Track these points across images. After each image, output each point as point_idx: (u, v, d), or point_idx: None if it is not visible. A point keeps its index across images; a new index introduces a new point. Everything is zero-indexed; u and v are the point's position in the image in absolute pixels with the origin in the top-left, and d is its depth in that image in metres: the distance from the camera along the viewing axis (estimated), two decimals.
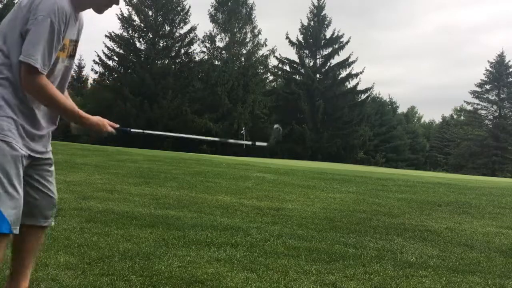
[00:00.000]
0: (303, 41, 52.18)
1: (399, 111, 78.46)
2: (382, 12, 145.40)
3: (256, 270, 3.77)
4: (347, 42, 51.52)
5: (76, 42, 2.68)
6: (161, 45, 46.78)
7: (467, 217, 7.23)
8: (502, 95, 60.92)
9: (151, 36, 46.32)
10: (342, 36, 51.68)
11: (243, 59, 48.04)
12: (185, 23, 46.86)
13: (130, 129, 2.91)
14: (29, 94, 2.44)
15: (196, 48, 56.31)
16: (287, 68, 53.89)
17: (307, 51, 52.46)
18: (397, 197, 9.04)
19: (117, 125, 2.80)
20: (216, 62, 47.74)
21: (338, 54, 51.58)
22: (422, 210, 7.67)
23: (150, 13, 46.23)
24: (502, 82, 60.23)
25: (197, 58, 48.00)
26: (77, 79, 55.78)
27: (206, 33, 48.04)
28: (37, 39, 2.35)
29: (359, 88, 52.24)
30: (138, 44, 46.76)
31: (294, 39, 51.87)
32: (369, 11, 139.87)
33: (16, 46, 2.41)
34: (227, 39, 47.81)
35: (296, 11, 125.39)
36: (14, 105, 2.42)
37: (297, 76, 53.15)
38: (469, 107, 64.27)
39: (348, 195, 9.02)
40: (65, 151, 13.41)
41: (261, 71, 50.09)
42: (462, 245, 5.26)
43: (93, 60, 45.45)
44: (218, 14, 48.13)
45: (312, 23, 52.34)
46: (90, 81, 54.38)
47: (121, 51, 46.34)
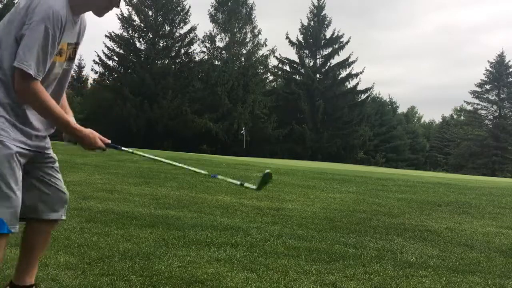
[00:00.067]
0: (303, 41, 52.24)
1: (399, 111, 78.60)
2: (382, 12, 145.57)
3: (256, 270, 3.77)
4: (347, 42, 51.68)
5: (76, 44, 2.66)
6: (161, 45, 46.81)
7: (467, 217, 7.23)
8: (502, 95, 60.96)
9: (151, 36, 46.34)
10: (342, 36, 51.84)
11: (243, 59, 48.07)
12: (185, 23, 46.94)
13: (121, 147, 2.88)
14: (22, 99, 2.44)
15: (196, 48, 56.34)
16: (287, 68, 53.99)
17: (307, 51, 52.53)
18: (397, 197, 9.04)
19: (109, 141, 2.77)
20: (216, 62, 47.78)
21: (338, 54, 51.72)
22: (422, 210, 7.67)
23: (150, 13, 46.25)
24: (502, 82, 60.26)
25: (197, 58, 48.14)
26: (77, 79, 55.83)
27: (206, 33, 48.21)
28: (31, 45, 2.34)
29: (359, 88, 52.45)
30: (138, 44, 46.84)
31: (294, 39, 52.02)
32: (369, 11, 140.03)
33: (10, 49, 2.40)
34: (227, 39, 47.85)
35: (296, 11, 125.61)
36: (7, 104, 2.42)
37: (297, 76, 53.22)
38: (469, 107, 64.41)
39: (348, 195, 9.02)
40: (65, 151, 13.39)
41: (261, 71, 50.15)
42: (462, 245, 5.26)
43: (93, 60, 45.60)
44: (218, 14, 48.18)
45: (312, 23, 52.39)
46: (90, 81, 54.49)
47: (121, 51, 46.38)
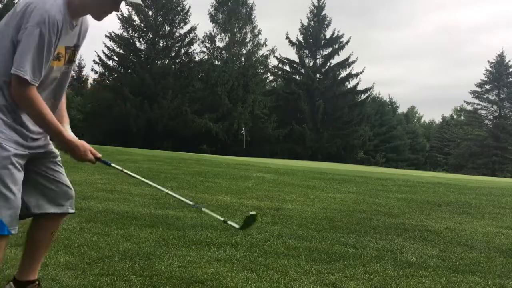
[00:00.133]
0: (303, 41, 52.25)
1: (399, 111, 78.64)
2: (382, 12, 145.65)
3: (256, 270, 3.77)
4: (347, 42, 51.70)
5: (76, 47, 2.65)
6: (161, 45, 46.82)
7: (467, 217, 7.23)
8: (502, 95, 60.97)
9: (151, 36, 46.35)
10: (342, 36, 51.86)
11: (243, 59, 48.08)
12: (185, 23, 46.97)
13: (111, 163, 2.84)
14: (18, 104, 2.44)
15: (196, 48, 56.33)
16: (287, 68, 54.00)
17: (307, 51, 52.54)
18: (397, 197, 9.04)
19: (99, 155, 2.74)
20: (216, 62, 47.79)
21: (338, 54, 51.74)
22: (422, 210, 7.67)
23: (150, 13, 46.26)
24: (502, 82, 60.27)
25: (197, 58, 48.19)
26: (77, 79, 55.81)
27: (206, 33, 48.24)
28: (26, 51, 2.34)
29: (359, 88, 52.47)
30: (138, 44, 46.87)
31: (294, 39, 52.05)
32: (369, 11, 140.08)
33: (6, 52, 2.39)
34: (227, 39, 47.86)
35: (296, 11, 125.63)
36: (3, 106, 2.42)
37: (297, 76, 53.23)
38: (469, 107, 64.42)
39: (348, 195, 9.02)
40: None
41: (261, 71, 50.18)
42: (462, 245, 5.26)
43: (93, 60, 45.63)
44: (218, 14, 48.19)
45: (312, 23, 52.40)
46: (90, 81, 54.50)
47: (121, 51, 46.40)
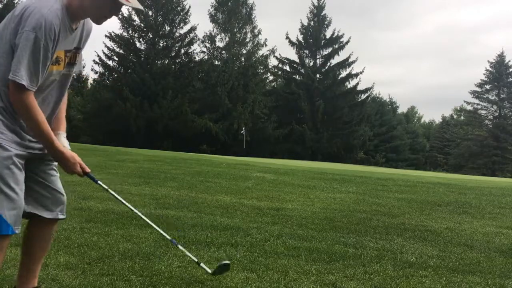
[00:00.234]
0: (303, 41, 52.23)
1: (399, 111, 78.64)
2: (382, 12, 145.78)
3: (256, 270, 3.77)
4: (347, 42, 51.67)
5: (77, 49, 2.64)
6: (161, 45, 46.81)
7: (467, 217, 7.23)
8: (502, 95, 60.95)
9: (151, 36, 46.33)
10: (342, 36, 51.82)
11: (243, 59, 48.07)
12: (185, 23, 46.95)
13: (97, 180, 2.86)
14: (16, 110, 2.43)
15: (196, 48, 56.40)
16: (287, 68, 53.97)
17: (307, 51, 52.51)
18: (397, 197, 9.03)
19: (88, 170, 2.73)
20: (216, 62, 47.78)
21: (338, 54, 51.72)
22: (422, 210, 7.67)
23: (150, 13, 46.23)
24: (502, 82, 60.25)
25: (197, 58, 48.18)
26: (77, 79, 55.67)
27: (206, 33, 48.20)
28: (22, 56, 2.33)
29: (359, 88, 52.40)
30: (138, 44, 46.85)
31: (294, 39, 52.02)
32: (369, 11, 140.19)
33: (4, 55, 2.39)
34: (227, 39, 47.84)
35: (296, 11, 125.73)
36: (1, 108, 2.42)
37: (297, 76, 53.21)
38: (469, 107, 64.37)
39: (348, 195, 9.01)
40: None
41: (261, 71, 50.16)
42: (462, 245, 5.26)
43: (93, 60, 45.62)
44: (218, 14, 48.16)
45: (312, 23, 52.38)
46: (90, 81, 54.39)
47: (121, 51, 46.39)
